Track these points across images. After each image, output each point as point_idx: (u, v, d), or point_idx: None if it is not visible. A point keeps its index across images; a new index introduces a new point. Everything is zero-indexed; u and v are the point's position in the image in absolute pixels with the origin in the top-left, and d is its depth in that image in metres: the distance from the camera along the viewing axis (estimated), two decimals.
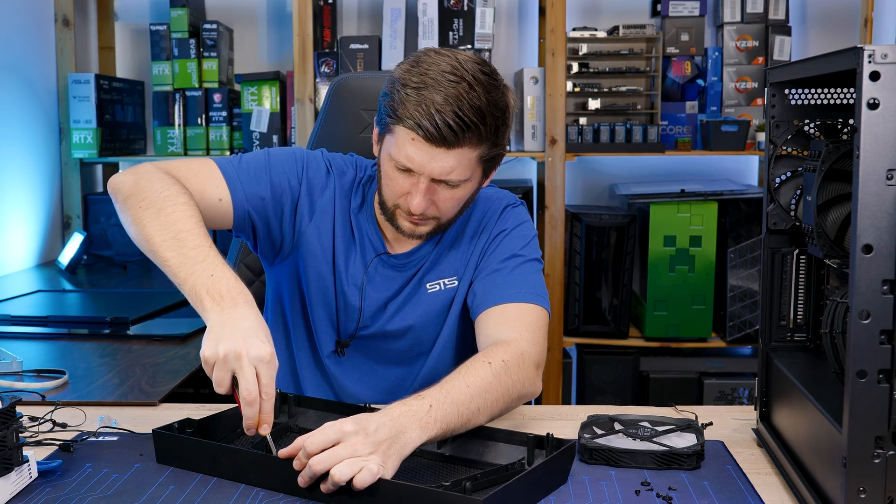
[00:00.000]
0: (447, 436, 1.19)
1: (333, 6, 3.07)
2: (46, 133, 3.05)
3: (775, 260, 1.29)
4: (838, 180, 1.09)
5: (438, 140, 1.30)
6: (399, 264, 1.51)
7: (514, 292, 1.43)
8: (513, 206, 1.55)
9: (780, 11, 3.13)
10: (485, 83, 1.32)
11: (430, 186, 1.36)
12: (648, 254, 2.96)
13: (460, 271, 1.51)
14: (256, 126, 3.00)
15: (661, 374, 3.03)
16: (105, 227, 3.10)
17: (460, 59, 1.34)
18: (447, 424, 1.17)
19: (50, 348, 1.89)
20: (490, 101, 1.32)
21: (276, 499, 1.12)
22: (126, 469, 1.21)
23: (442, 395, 1.19)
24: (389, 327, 1.51)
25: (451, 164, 1.33)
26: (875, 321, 0.91)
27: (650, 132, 2.99)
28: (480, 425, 1.24)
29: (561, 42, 2.93)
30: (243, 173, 1.44)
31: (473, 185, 1.41)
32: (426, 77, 1.31)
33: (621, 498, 1.11)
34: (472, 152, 1.34)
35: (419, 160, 1.33)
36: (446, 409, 1.17)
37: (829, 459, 1.01)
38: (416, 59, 1.35)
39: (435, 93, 1.30)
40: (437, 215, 1.41)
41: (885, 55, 0.88)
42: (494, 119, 1.33)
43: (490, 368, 1.27)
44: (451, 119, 1.29)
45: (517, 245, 1.49)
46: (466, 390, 1.21)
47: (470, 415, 1.21)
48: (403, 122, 1.32)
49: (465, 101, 1.30)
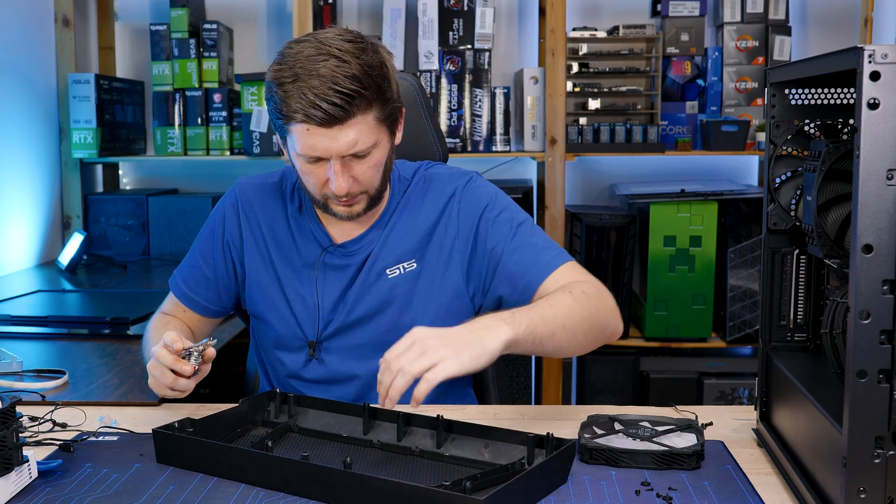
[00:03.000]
0: (536, 346, 1.29)
1: (333, 6, 3.07)
2: (46, 133, 3.05)
3: (775, 260, 1.29)
4: (838, 180, 1.09)
5: (330, 120, 1.33)
6: (348, 252, 1.52)
7: (549, 259, 1.46)
8: (474, 179, 1.56)
9: (780, 11, 3.13)
10: (351, 50, 1.35)
11: (344, 164, 1.39)
12: (648, 254, 2.96)
13: (418, 253, 1.52)
14: (256, 126, 3.00)
15: (661, 374, 3.03)
16: (105, 227, 3.10)
17: (321, 38, 1.36)
18: (533, 327, 1.27)
19: (50, 348, 1.89)
20: (362, 64, 1.34)
21: (276, 498, 1.12)
22: (126, 469, 1.21)
23: (525, 308, 1.31)
24: (353, 316, 1.52)
25: (353, 137, 1.35)
26: (875, 321, 0.91)
27: (650, 132, 2.99)
28: (563, 351, 1.34)
29: (561, 42, 2.93)
30: (188, 281, 1.61)
31: (385, 147, 1.43)
32: (295, 68, 1.34)
33: (621, 498, 1.11)
34: (366, 117, 1.36)
35: (322, 145, 1.36)
36: (531, 315, 1.29)
37: (829, 459, 1.01)
38: (282, 56, 1.38)
39: (308, 79, 1.32)
40: (362, 189, 1.43)
41: (885, 55, 0.88)
42: (373, 79, 1.35)
43: (570, 295, 1.36)
44: (334, 97, 1.32)
45: (509, 215, 1.52)
46: (549, 308, 1.32)
47: (555, 327, 1.30)
48: (293, 118, 1.35)
49: (339, 74, 1.32)
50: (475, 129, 3.03)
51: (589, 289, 1.40)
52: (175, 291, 1.63)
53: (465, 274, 1.51)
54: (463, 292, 1.51)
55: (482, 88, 3.01)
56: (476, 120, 3.02)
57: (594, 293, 1.40)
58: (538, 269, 1.45)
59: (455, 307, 1.52)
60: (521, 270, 1.46)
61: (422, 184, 1.55)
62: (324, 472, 1.11)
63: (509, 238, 1.49)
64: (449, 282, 1.51)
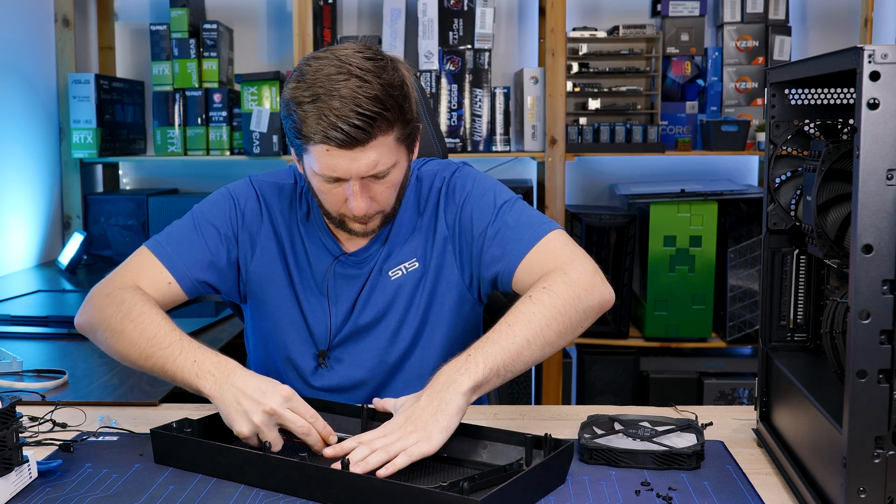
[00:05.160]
0: (504, 376, 1.25)
1: (333, 6, 3.07)
2: (46, 133, 3.05)
3: (775, 260, 1.29)
4: (838, 180, 1.09)
5: (351, 142, 1.31)
6: (358, 261, 1.51)
7: (529, 236, 1.43)
8: (459, 170, 1.54)
9: (780, 11, 3.13)
10: (372, 69, 1.32)
11: (363, 185, 1.37)
12: (648, 254, 2.96)
13: (419, 252, 1.51)
14: (256, 126, 3.00)
15: (661, 374, 3.03)
16: (105, 227, 3.10)
17: (340, 56, 1.33)
18: (493, 363, 1.23)
19: (50, 348, 1.89)
20: (383, 84, 1.32)
21: (276, 499, 1.12)
22: (126, 469, 1.21)
23: (482, 342, 1.26)
24: (361, 322, 1.51)
25: (373, 158, 1.33)
26: (875, 321, 0.91)
27: (650, 132, 2.99)
28: (542, 358, 1.30)
29: (561, 42, 2.93)
30: (177, 248, 1.46)
31: (403, 167, 1.42)
32: (315, 87, 1.31)
33: (621, 498, 1.11)
34: (387, 138, 1.34)
35: (343, 167, 1.33)
36: (488, 349, 1.24)
37: (829, 459, 1.01)
38: (301, 73, 1.34)
39: (329, 100, 1.29)
40: (380, 209, 1.42)
41: (885, 55, 0.88)
42: (395, 100, 1.33)
43: (530, 300, 1.31)
44: (355, 119, 1.29)
45: (491, 197, 1.48)
46: (508, 329, 1.27)
47: (519, 346, 1.26)
48: (312, 139, 1.32)
49: (361, 95, 1.29)
50: (475, 129, 3.02)
51: (549, 281, 1.33)
52: (170, 265, 1.45)
53: (459, 266, 1.51)
54: (461, 284, 1.51)
55: (482, 88, 3.01)
56: (476, 120, 3.02)
57: (558, 281, 1.33)
58: (511, 257, 1.43)
59: (456, 300, 1.52)
60: (499, 255, 1.44)
61: (415, 183, 1.54)
62: (322, 472, 1.11)
63: (489, 223, 1.46)
64: (448, 278, 1.51)
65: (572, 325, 1.32)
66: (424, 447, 1.14)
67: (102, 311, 1.39)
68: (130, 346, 1.34)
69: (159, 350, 1.31)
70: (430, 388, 1.21)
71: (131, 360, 1.35)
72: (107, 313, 1.38)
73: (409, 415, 1.19)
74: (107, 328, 1.37)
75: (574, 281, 1.34)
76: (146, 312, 1.36)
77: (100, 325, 1.38)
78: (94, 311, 1.40)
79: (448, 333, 1.53)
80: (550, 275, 1.36)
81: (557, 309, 1.30)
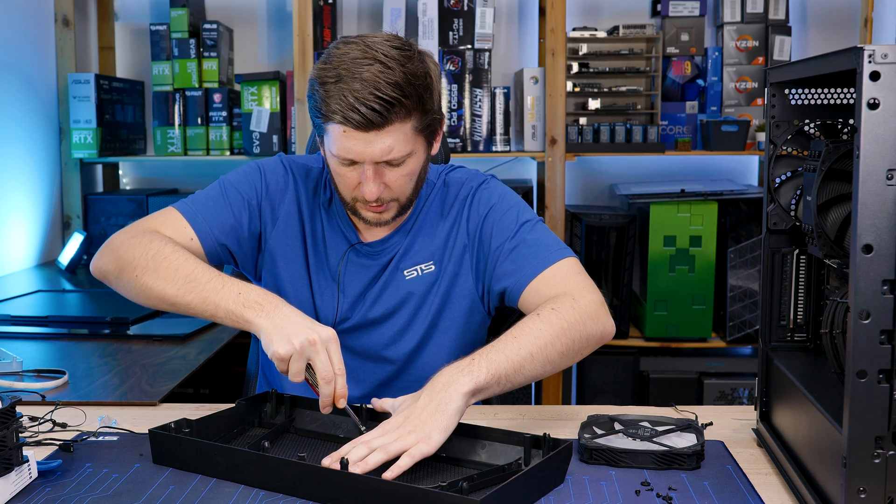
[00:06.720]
0: (504, 385, 1.25)
1: (333, 6, 3.07)
2: (46, 133, 3.05)
3: (775, 260, 1.29)
4: (838, 180, 1.09)
5: (367, 125, 1.33)
6: (373, 252, 1.52)
7: (544, 257, 1.44)
8: (487, 182, 1.56)
9: (780, 11, 3.13)
10: (397, 57, 1.34)
11: (377, 170, 1.38)
12: (648, 254, 2.96)
13: (436, 256, 1.52)
14: (256, 126, 3.00)
15: (661, 374, 3.03)
16: (105, 227, 3.10)
17: (368, 42, 1.36)
18: (496, 370, 1.23)
19: (50, 348, 1.89)
20: (406, 72, 1.33)
21: (276, 499, 1.12)
22: (126, 469, 1.21)
23: (486, 349, 1.26)
24: (371, 315, 1.52)
25: (388, 144, 1.35)
26: (875, 321, 0.91)
27: (650, 132, 2.99)
28: (542, 375, 1.30)
29: (561, 42, 2.93)
30: (202, 208, 1.48)
31: (420, 158, 1.43)
32: (339, 69, 1.33)
33: (621, 498, 1.11)
34: (404, 126, 1.36)
35: (357, 149, 1.35)
36: (492, 356, 1.24)
37: (829, 459, 1.01)
38: (328, 55, 1.37)
39: (351, 81, 1.32)
40: (393, 197, 1.43)
41: (885, 55, 0.88)
42: (416, 89, 1.35)
43: (538, 317, 1.32)
44: (374, 101, 1.31)
45: (514, 214, 1.50)
46: (513, 341, 1.28)
47: (522, 359, 1.26)
48: (331, 118, 1.34)
49: (382, 80, 1.32)
50: (475, 129, 3.02)
51: (559, 304, 1.35)
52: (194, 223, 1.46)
53: (474, 276, 1.52)
54: (474, 294, 1.52)
55: (482, 88, 3.01)
56: (476, 120, 3.02)
57: (566, 306, 1.34)
58: (524, 274, 1.44)
59: (468, 308, 1.53)
60: (512, 270, 1.46)
61: (442, 188, 1.55)
62: (320, 472, 1.11)
63: (509, 238, 1.48)
64: (462, 285, 1.52)
65: (574, 349, 1.34)
66: (423, 447, 1.14)
67: (130, 250, 1.39)
68: (166, 281, 1.34)
69: (199, 284, 1.32)
70: (429, 387, 1.21)
71: (165, 297, 1.35)
72: (135, 252, 1.38)
73: (408, 414, 1.19)
74: (136, 266, 1.37)
75: (582, 308, 1.35)
76: (178, 251, 1.37)
77: (128, 264, 1.38)
78: (118, 252, 1.40)
79: (456, 340, 1.54)
80: (560, 298, 1.37)
81: (563, 330, 1.32)
